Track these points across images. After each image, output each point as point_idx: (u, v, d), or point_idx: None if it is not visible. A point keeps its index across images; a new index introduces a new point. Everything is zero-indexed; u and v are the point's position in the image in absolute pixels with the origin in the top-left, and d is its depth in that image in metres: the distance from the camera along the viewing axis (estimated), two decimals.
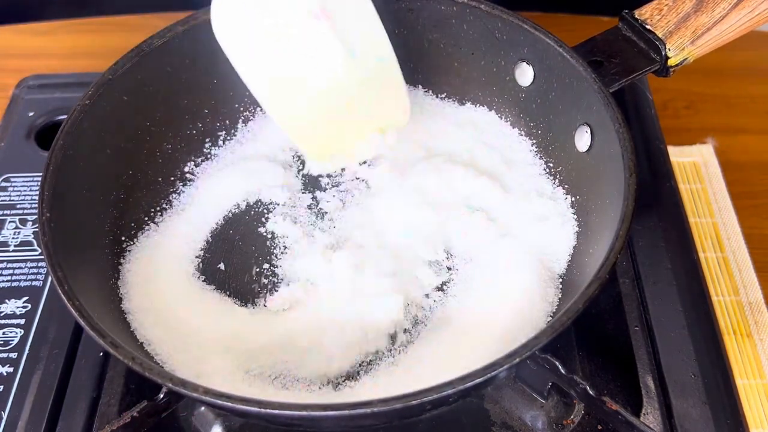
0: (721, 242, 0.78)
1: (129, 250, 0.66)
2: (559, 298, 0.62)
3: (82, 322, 0.53)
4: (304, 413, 0.49)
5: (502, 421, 0.60)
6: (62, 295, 0.54)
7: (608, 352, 0.65)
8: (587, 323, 0.66)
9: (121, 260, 0.65)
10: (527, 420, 0.60)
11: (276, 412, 0.48)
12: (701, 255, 0.73)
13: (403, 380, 0.59)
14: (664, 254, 0.68)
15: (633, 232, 0.70)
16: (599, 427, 0.59)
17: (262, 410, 0.48)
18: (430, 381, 0.49)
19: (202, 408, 0.61)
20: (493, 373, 0.49)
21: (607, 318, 0.67)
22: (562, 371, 0.56)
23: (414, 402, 0.48)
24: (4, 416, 0.61)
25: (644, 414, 0.60)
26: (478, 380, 0.49)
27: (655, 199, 0.73)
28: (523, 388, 0.61)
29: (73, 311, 0.53)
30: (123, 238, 0.66)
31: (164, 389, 0.54)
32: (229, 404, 0.49)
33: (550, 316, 0.61)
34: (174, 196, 0.71)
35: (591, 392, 0.55)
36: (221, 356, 0.60)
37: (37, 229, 0.71)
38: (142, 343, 0.60)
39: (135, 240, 0.67)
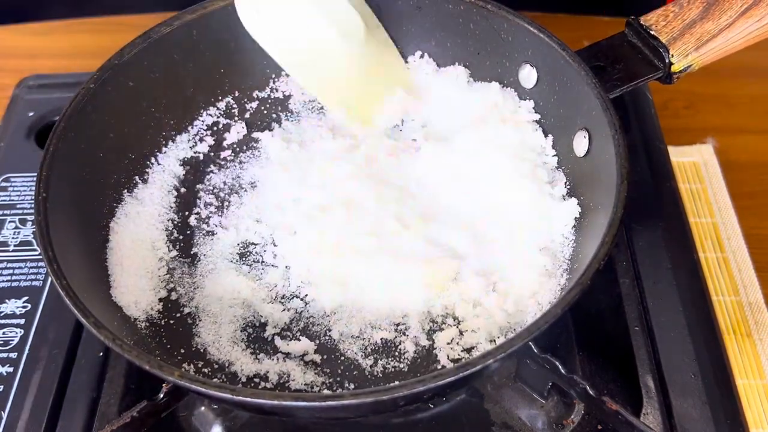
0: (721, 242, 0.78)
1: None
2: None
3: (61, 291, 0.53)
4: (275, 402, 0.49)
5: (502, 421, 0.60)
6: (52, 275, 0.54)
7: (608, 352, 0.65)
8: (587, 323, 0.66)
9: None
10: (527, 420, 0.60)
11: (248, 399, 0.49)
12: (701, 255, 0.73)
13: None
14: (664, 254, 0.68)
15: (633, 232, 0.70)
16: (599, 427, 0.59)
17: (235, 397, 0.49)
18: None
19: (202, 408, 0.61)
20: (465, 373, 0.49)
21: (607, 318, 0.67)
22: (562, 371, 0.56)
23: (385, 397, 0.49)
24: (4, 416, 0.61)
25: (644, 414, 0.60)
26: (449, 379, 0.49)
27: (655, 199, 0.73)
28: (523, 388, 0.61)
29: (60, 290, 0.53)
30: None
31: (164, 389, 0.55)
32: (203, 389, 0.49)
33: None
34: (176, 183, 0.71)
35: (591, 392, 0.55)
36: None
37: None
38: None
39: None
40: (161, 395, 0.55)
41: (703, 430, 0.59)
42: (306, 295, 0.65)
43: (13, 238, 0.72)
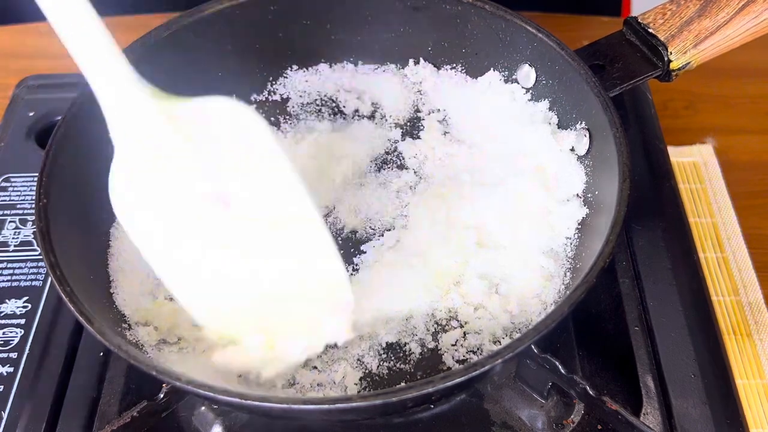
0: (721, 242, 0.78)
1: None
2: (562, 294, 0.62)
3: (65, 297, 0.53)
4: (284, 406, 0.49)
5: (502, 421, 0.60)
6: (54, 281, 0.54)
7: (608, 352, 0.65)
8: (587, 323, 0.66)
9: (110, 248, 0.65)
10: (527, 420, 0.60)
11: (256, 404, 0.49)
12: (701, 255, 0.73)
13: None
14: (664, 254, 0.68)
15: (633, 232, 0.70)
16: (599, 427, 0.59)
17: (244, 402, 0.49)
18: None
19: (203, 408, 0.61)
20: (474, 373, 0.49)
21: (607, 318, 0.67)
22: (562, 371, 0.56)
23: (394, 399, 0.49)
24: (4, 416, 0.61)
25: (644, 414, 0.60)
26: (458, 379, 0.49)
27: (655, 199, 0.73)
28: (523, 388, 0.61)
29: (64, 296, 0.53)
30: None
31: (164, 389, 0.55)
32: (211, 394, 0.49)
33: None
34: None
35: (591, 392, 0.55)
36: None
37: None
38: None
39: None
40: (161, 395, 0.55)
41: (703, 430, 0.59)
42: None
43: (13, 238, 0.72)
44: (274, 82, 0.77)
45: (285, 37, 0.75)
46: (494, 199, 0.67)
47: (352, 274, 0.66)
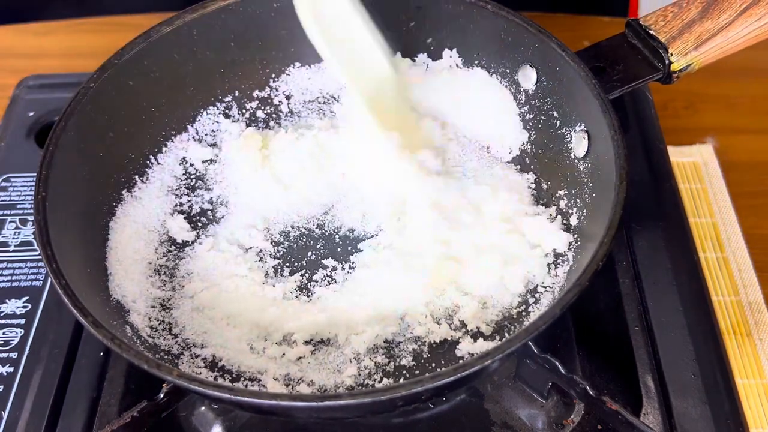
0: (721, 242, 0.78)
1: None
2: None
3: (60, 290, 0.53)
4: (272, 402, 0.49)
5: (502, 421, 0.60)
6: (51, 274, 0.54)
7: (608, 352, 0.65)
8: (587, 323, 0.66)
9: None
10: (527, 420, 0.60)
11: (246, 399, 0.49)
12: (701, 255, 0.73)
13: None
14: (664, 254, 0.68)
15: (633, 232, 0.70)
16: (599, 427, 0.59)
17: (233, 397, 0.49)
18: None
19: (202, 408, 0.61)
20: (463, 374, 0.49)
21: (607, 318, 0.67)
22: (562, 371, 0.56)
23: (383, 397, 0.49)
24: (5, 416, 0.61)
25: (644, 414, 0.60)
26: (447, 379, 0.49)
27: (655, 199, 0.73)
28: (523, 388, 0.61)
29: (59, 289, 0.53)
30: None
31: (164, 389, 0.55)
32: (201, 389, 0.49)
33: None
34: (176, 180, 0.71)
35: (591, 392, 0.55)
36: None
37: None
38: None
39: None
40: (161, 395, 0.55)
41: (703, 430, 0.59)
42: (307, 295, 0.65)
43: (13, 238, 0.72)
44: (276, 79, 0.77)
45: (288, 34, 0.75)
46: (493, 199, 0.67)
47: (348, 272, 0.66)
